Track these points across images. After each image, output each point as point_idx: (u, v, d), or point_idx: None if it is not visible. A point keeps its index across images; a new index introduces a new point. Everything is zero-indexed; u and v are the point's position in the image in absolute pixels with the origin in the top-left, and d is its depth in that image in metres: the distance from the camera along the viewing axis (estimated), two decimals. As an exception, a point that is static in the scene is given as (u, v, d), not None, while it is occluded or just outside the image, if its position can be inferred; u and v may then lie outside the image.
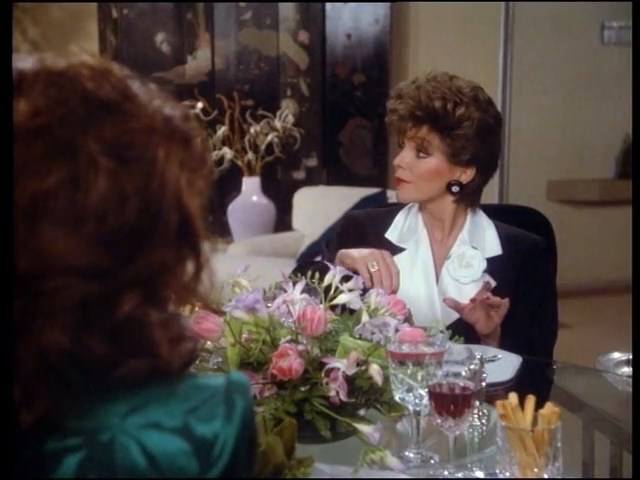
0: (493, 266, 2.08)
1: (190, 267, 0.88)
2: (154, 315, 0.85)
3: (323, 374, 1.41)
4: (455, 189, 2.09)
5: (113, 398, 0.82)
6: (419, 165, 2.06)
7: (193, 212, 0.86)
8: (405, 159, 2.07)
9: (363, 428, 1.37)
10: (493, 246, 2.11)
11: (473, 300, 1.94)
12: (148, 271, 0.83)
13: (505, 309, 1.95)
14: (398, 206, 2.21)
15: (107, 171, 0.81)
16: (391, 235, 2.15)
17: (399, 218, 2.17)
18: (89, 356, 0.81)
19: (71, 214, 0.80)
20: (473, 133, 2.04)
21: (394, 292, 1.85)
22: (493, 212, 2.21)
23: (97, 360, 0.81)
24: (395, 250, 2.11)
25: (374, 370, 1.41)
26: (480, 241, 2.11)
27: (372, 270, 1.89)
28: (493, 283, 2.06)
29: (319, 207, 4.94)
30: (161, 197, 0.84)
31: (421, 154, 2.06)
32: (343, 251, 1.96)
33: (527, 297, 2.06)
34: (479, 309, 1.94)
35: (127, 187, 0.82)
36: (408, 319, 1.62)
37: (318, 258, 2.20)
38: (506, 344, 1.96)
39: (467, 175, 2.08)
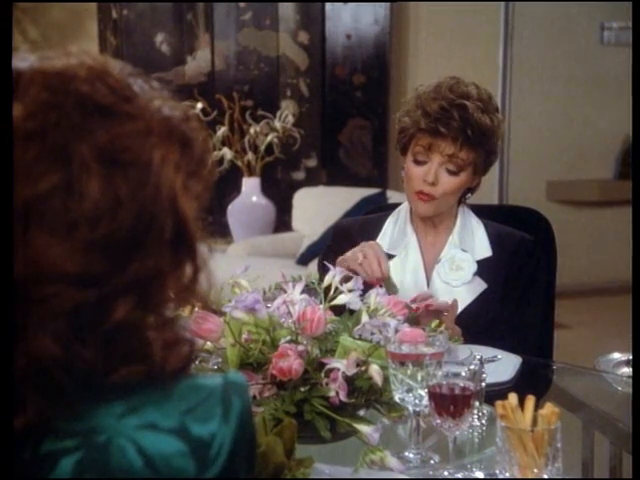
0: (483, 268, 2.07)
1: (187, 270, 0.87)
2: (148, 320, 0.84)
3: (323, 374, 1.41)
4: (468, 196, 2.12)
5: (109, 399, 0.81)
6: (450, 182, 2.02)
7: (188, 216, 0.85)
8: (440, 177, 2.01)
9: (363, 428, 1.37)
10: (483, 248, 2.10)
11: (415, 310, 1.83)
12: (142, 276, 0.82)
13: (455, 310, 1.91)
14: (387, 212, 2.20)
15: (100, 176, 0.80)
16: (381, 243, 2.12)
17: (388, 224, 2.15)
18: (81, 364, 0.80)
19: (63, 220, 0.79)
20: (497, 150, 2.07)
21: (383, 277, 1.85)
22: (493, 213, 2.21)
23: (89, 367, 0.81)
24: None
25: (374, 371, 1.40)
26: (470, 243, 2.10)
27: (359, 262, 1.89)
28: (484, 285, 2.06)
29: (319, 207, 4.94)
30: (155, 202, 0.83)
31: (451, 171, 2.02)
32: (340, 259, 1.93)
33: (513, 293, 2.06)
34: (430, 319, 1.88)
35: (121, 192, 0.81)
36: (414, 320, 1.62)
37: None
38: (495, 341, 1.94)
39: (476, 182, 2.11)
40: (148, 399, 0.82)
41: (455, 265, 2.08)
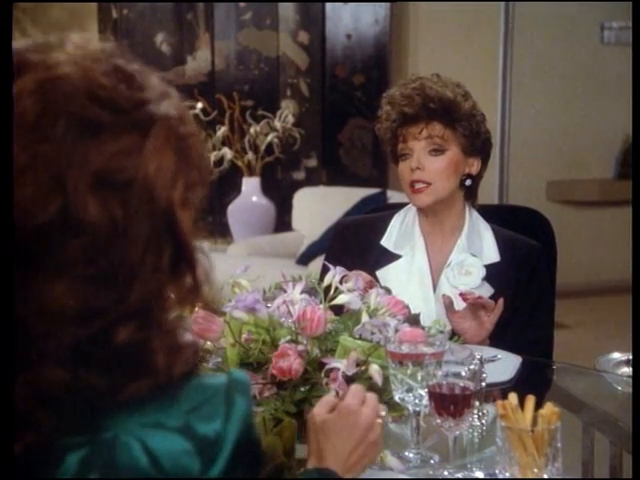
0: (491, 273, 2.06)
1: (188, 281, 0.87)
2: (151, 335, 0.83)
3: (323, 374, 1.41)
4: (468, 182, 2.10)
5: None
6: (436, 163, 2.03)
7: (186, 231, 0.85)
8: (422, 161, 2.03)
9: (363, 428, 1.37)
10: (491, 252, 2.09)
11: (464, 297, 1.91)
12: (144, 301, 0.82)
13: (498, 313, 1.92)
14: (391, 210, 2.19)
15: (97, 204, 0.79)
16: (387, 242, 2.12)
17: (394, 223, 2.14)
18: (88, 388, 0.80)
19: (61, 256, 0.79)
20: (477, 125, 2.06)
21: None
22: (493, 213, 2.21)
23: (97, 391, 0.80)
24: (391, 257, 2.10)
25: (374, 370, 1.40)
26: (478, 247, 2.10)
27: None
28: (491, 290, 2.05)
29: (319, 207, 4.94)
30: (154, 222, 0.82)
31: (435, 152, 2.03)
32: None
33: (524, 303, 2.05)
34: (469, 319, 1.92)
35: (118, 217, 0.80)
36: (414, 320, 1.61)
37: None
38: (503, 349, 1.94)
39: (475, 167, 2.09)
40: (154, 399, 0.82)
41: (464, 270, 2.07)
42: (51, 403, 0.79)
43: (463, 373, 1.35)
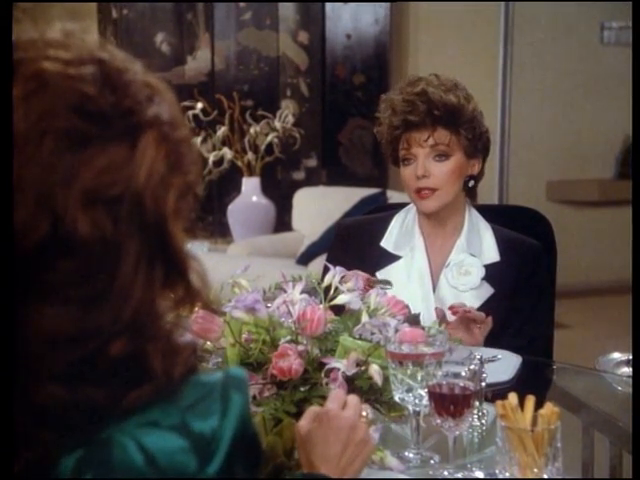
0: (491, 273, 2.06)
1: (181, 289, 0.86)
2: (146, 344, 0.83)
3: (323, 374, 1.41)
4: (471, 184, 2.09)
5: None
6: (442, 169, 2.02)
7: (179, 241, 0.84)
8: (429, 168, 2.02)
9: (363, 428, 1.37)
10: (491, 252, 2.09)
11: (453, 310, 1.90)
12: (137, 315, 0.81)
13: (488, 327, 1.92)
14: (391, 211, 2.19)
15: (87, 223, 0.78)
16: (386, 243, 2.12)
17: (394, 224, 2.14)
18: (89, 402, 0.80)
19: (51, 279, 0.78)
20: (479, 127, 2.06)
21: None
22: (493, 213, 2.21)
23: (97, 405, 0.80)
24: (392, 258, 2.10)
25: (374, 370, 1.40)
26: (477, 247, 2.09)
27: None
28: (491, 290, 2.05)
29: (319, 207, 4.94)
30: (146, 236, 0.81)
31: (439, 157, 2.02)
32: None
33: (523, 303, 2.05)
34: (461, 330, 1.90)
35: (109, 234, 0.78)
36: (414, 320, 1.61)
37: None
38: (502, 348, 1.94)
39: (476, 167, 2.09)
40: (151, 400, 0.82)
41: (464, 270, 2.06)
42: (51, 421, 0.79)
43: (463, 373, 1.35)
